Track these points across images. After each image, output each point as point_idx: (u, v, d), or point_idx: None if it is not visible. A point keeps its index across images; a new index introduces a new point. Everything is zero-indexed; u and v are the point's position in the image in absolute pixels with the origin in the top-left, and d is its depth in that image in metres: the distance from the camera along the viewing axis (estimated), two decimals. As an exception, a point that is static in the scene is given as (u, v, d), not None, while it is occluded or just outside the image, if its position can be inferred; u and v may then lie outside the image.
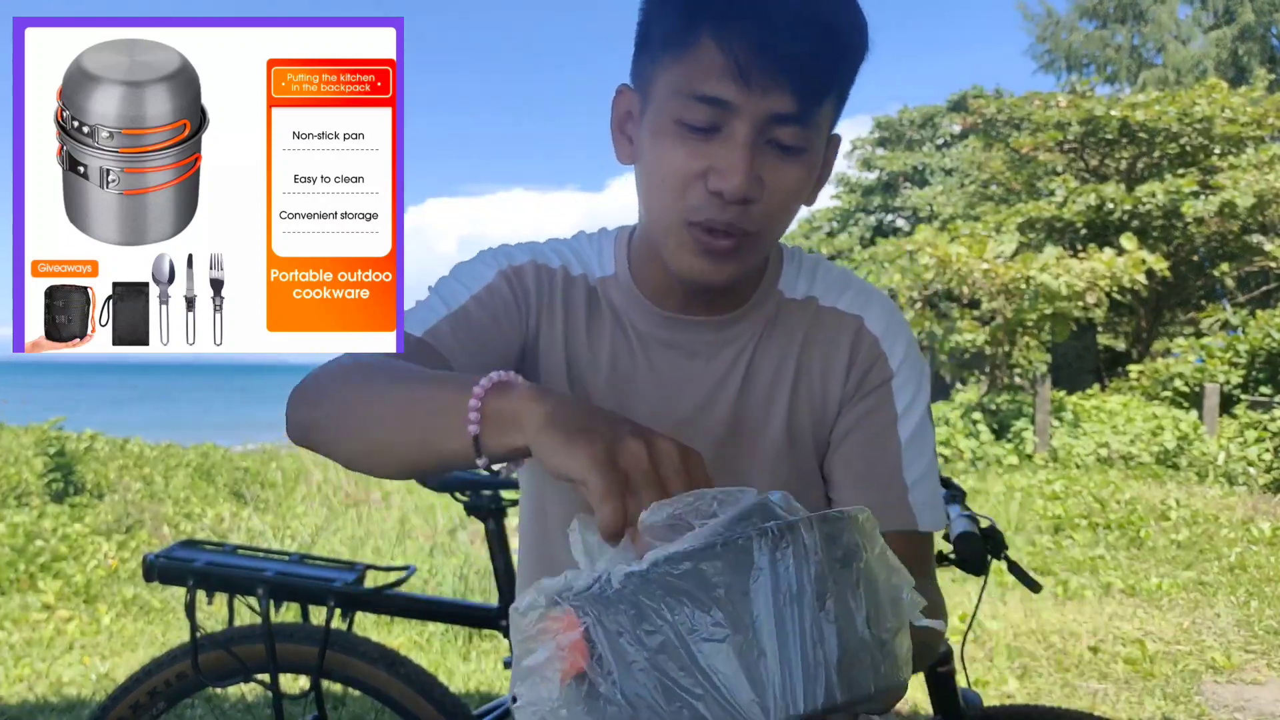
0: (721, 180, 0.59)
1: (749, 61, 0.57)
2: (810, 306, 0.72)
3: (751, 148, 0.59)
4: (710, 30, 0.58)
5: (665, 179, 0.62)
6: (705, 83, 0.59)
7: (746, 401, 0.70)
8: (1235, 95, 10.00)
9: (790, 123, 0.60)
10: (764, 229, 0.63)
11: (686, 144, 0.60)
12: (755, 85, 0.58)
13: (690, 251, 0.63)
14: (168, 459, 6.37)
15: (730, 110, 0.59)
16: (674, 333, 0.71)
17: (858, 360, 0.70)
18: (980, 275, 7.85)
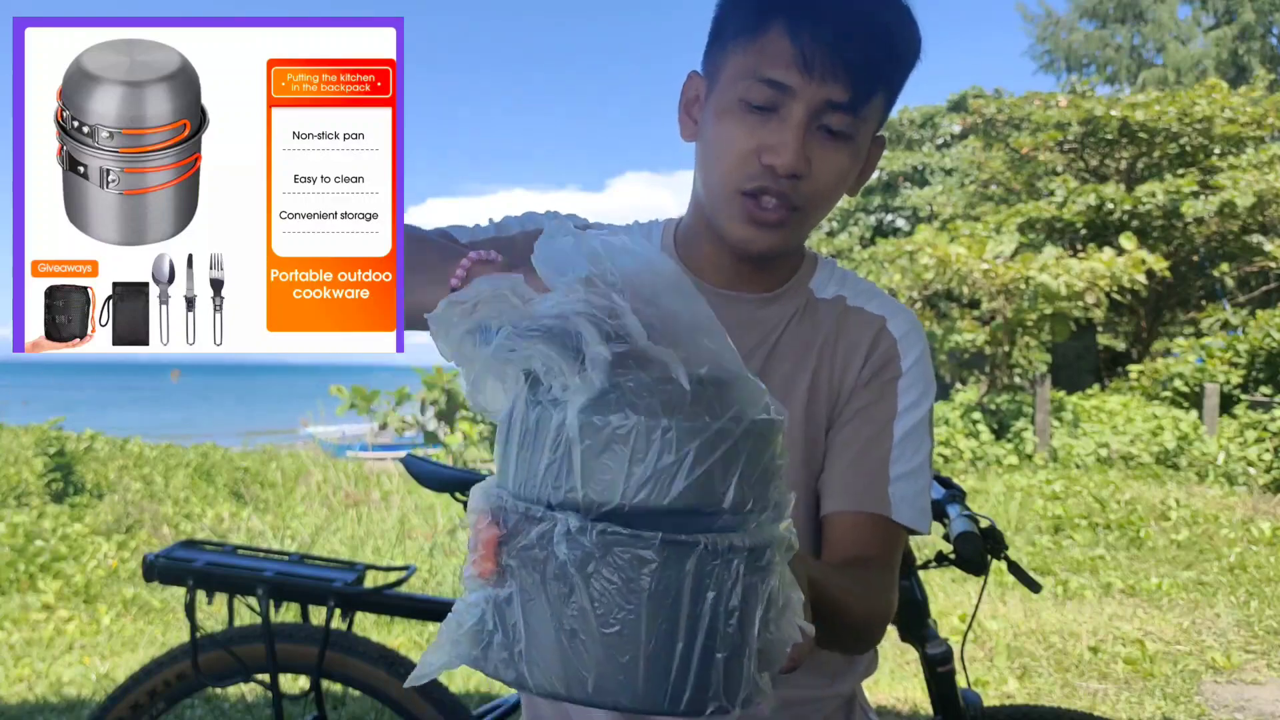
0: (775, 156, 0.66)
1: (812, 51, 0.65)
2: (838, 305, 0.77)
3: (804, 129, 0.66)
4: (782, 22, 0.66)
5: (725, 152, 0.69)
6: (771, 67, 0.66)
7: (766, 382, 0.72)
8: (1235, 95, 10.00)
9: (841, 110, 0.67)
10: (808, 206, 0.69)
11: (746, 122, 0.67)
12: (815, 73, 0.65)
13: (742, 220, 0.69)
14: (167, 459, 6.37)
15: (789, 93, 0.66)
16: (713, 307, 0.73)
17: (875, 354, 0.74)
18: (980, 275, 7.86)
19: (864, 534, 0.70)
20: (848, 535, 0.70)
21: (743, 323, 0.75)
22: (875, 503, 0.70)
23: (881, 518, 0.70)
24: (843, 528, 0.70)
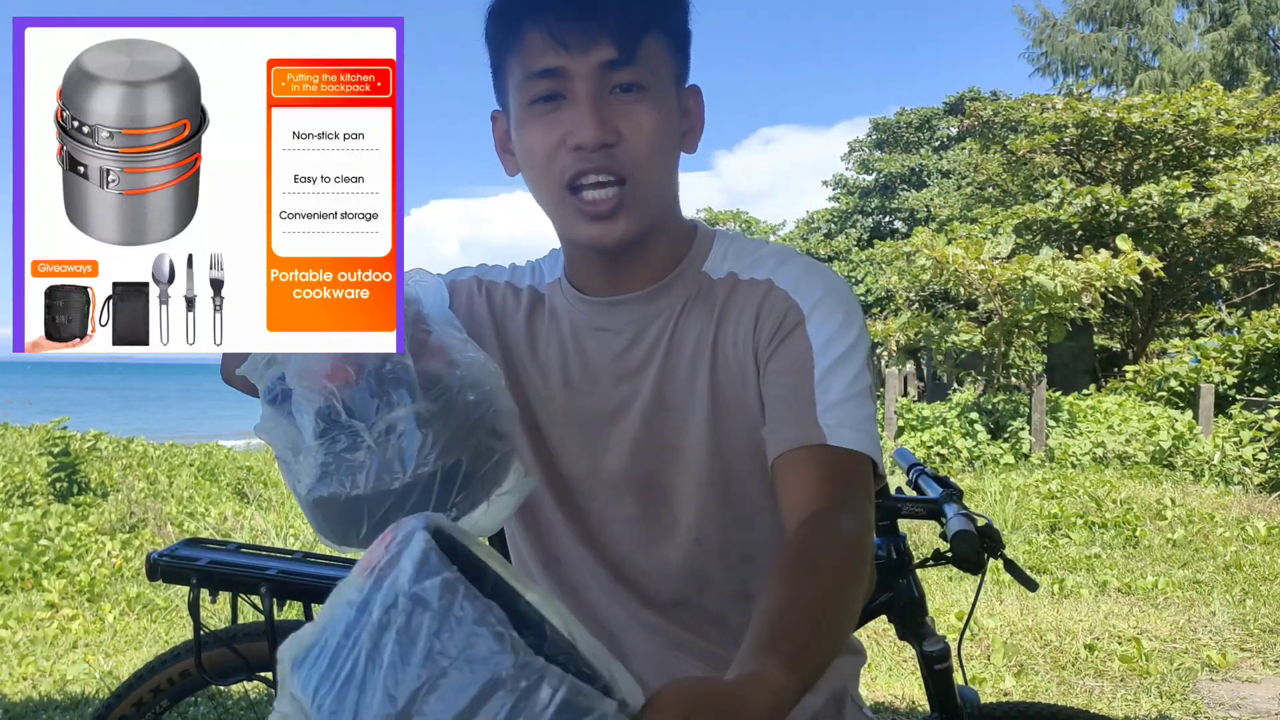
0: (576, 135, 0.66)
1: (562, 27, 0.66)
2: (729, 281, 0.74)
3: (594, 100, 0.66)
4: (527, 18, 0.67)
5: (534, 157, 0.69)
6: (535, 60, 0.67)
7: (670, 376, 0.74)
8: (1230, 97, 10.02)
9: (619, 66, 0.66)
10: (636, 173, 0.68)
11: (541, 120, 0.68)
12: (574, 45, 0.66)
13: (578, 218, 0.69)
14: (171, 458, 6.37)
15: (564, 76, 0.66)
16: (600, 316, 0.76)
17: (767, 316, 0.71)
18: (977, 276, 7.87)
19: (808, 474, 0.63)
20: (794, 482, 0.64)
21: (633, 323, 0.73)
22: (808, 434, 0.64)
23: (818, 447, 0.64)
24: (788, 475, 0.64)
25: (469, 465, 0.56)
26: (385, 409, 0.55)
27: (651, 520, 0.75)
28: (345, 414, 0.55)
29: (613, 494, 0.75)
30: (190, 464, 6.18)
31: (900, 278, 8.74)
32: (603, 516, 0.76)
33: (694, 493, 0.74)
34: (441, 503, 0.56)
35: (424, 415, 0.55)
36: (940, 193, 16.79)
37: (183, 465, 6.14)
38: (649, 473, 0.74)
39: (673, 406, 0.73)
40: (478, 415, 0.57)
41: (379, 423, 0.55)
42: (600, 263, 0.74)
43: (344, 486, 0.54)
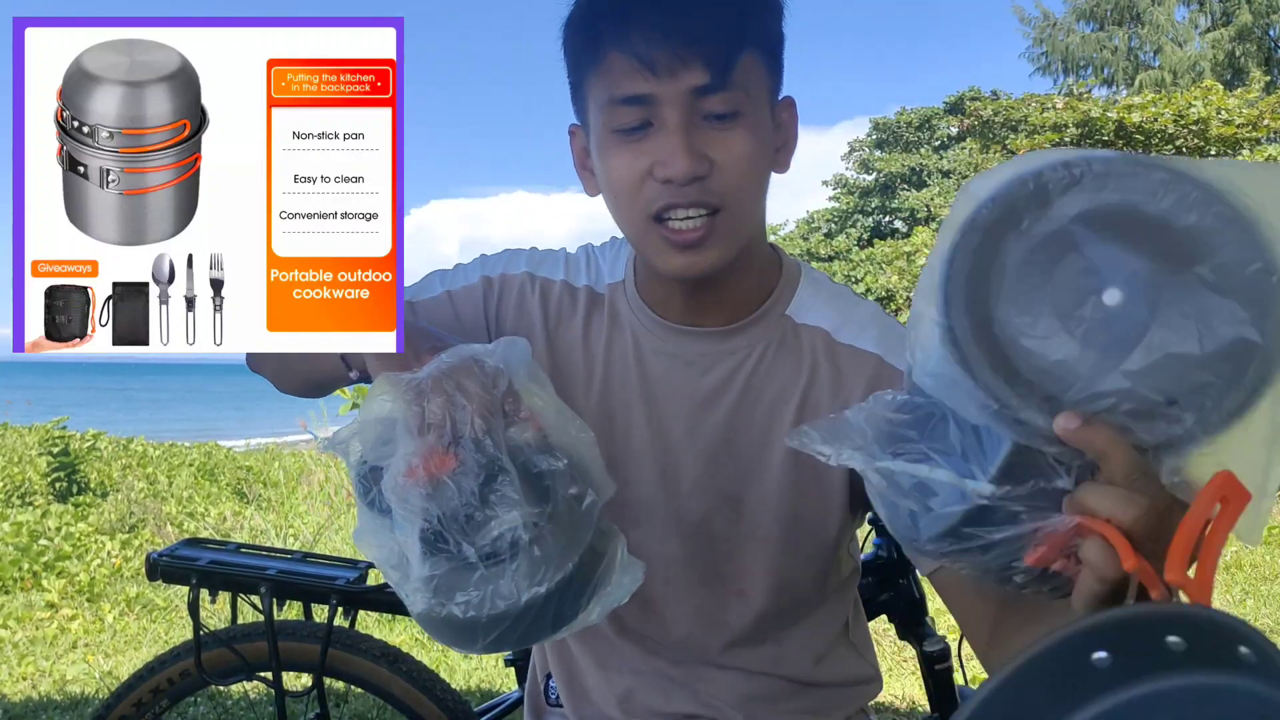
0: (666, 168, 0.62)
1: (650, 51, 0.60)
2: (821, 338, 0.70)
3: (685, 129, 0.61)
4: (611, 39, 0.62)
5: (620, 186, 0.64)
6: (621, 86, 0.62)
7: (744, 422, 0.69)
8: (1231, 97, 10.02)
9: (711, 92, 0.61)
10: (728, 203, 0.63)
11: (627, 148, 0.63)
12: (663, 71, 0.61)
13: (665, 248, 0.65)
14: (171, 458, 6.38)
15: (652, 103, 0.62)
16: (672, 342, 0.71)
17: None
18: (978, 275, 7.85)
19: None
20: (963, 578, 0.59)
21: (707, 356, 0.70)
22: None
23: None
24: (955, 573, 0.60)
25: (582, 573, 0.54)
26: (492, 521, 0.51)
27: (691, 566, 0.72)
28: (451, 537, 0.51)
29: (660, 529, 0.72)
30: (190, 464, 6.19)
31: (900, 278, 8.73)
32: (642, 550, 0.72)
33: (747, 546, 0.70)
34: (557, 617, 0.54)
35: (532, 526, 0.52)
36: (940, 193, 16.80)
37: (182, 465, 6.15)
38: (701, 517, 0.71)
39: (740, 454, 0.69)
40: (585, 515, 0.55)
41: (486, 542, 0.51)
42: (684, 289, 0.69)
43: (458, 611, 0.52)
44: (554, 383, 0.72)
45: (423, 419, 0.51)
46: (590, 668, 0.79)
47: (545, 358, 0.74)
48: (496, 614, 0.52)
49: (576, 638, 0.79)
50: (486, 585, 0.52)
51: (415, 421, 0.51)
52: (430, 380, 0.52)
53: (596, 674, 0.79)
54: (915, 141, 19.45)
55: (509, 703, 1.42)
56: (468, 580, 0.52)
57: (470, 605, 0.52)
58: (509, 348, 0.55)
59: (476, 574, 0.52)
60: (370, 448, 0.54)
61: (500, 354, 0.55)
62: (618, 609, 0.73)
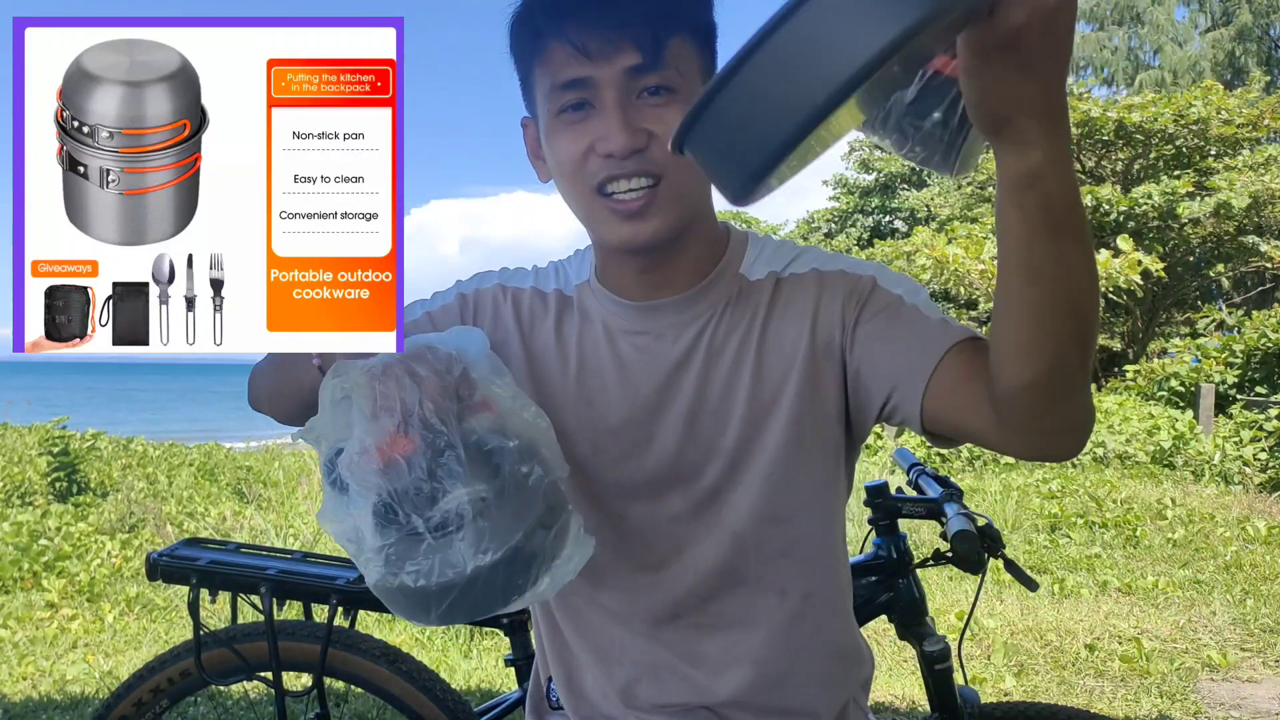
0: (607, 143, 0.66)
1: (583, 39, 0.65)
2: (769, 281, 0.75)
3: (621, 106, 0.66)
4: (550, 30, 0.67)
5: (565, 164, 0.69)
6: (562, 72, 0.67)
7: (712, 376, 0.74)
8: (1231, 97, 10.02)
9: (645, 71, 0.66)
10: (668, 172, 0.67)
11: (571, 128, 0.68)
12: (597, 54, 0.65)
13: (610, 219, 0.69)
14: (171, 458, 6.38)
15: (590, 85, 0.66)
16: (638, 320, 0.75)
17: (831, 297, 0.71)
18: (977, 276, 7.87)
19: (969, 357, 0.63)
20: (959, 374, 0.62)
21: (674, 326, 0.74)
22: (954, 333, 0.65)
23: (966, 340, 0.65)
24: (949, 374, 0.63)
25: (529, 546, 0.57)
26: (440, 496, 0.55)
27: (694, 519, 0.75)
28: (401, 510, 0.55)
29: (655, 493, 0.75)
30: (190, 464, 6.19)
31: (900, 277, 8.72)
32: (644, 517, 0.76)
33: (733, 488, 0.74)
34: (506, 587, 0.56)
35: (479, 501, 0.55)
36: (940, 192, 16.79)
37: (182, 465, 6.16)
38: (693, 471, 0.74)
39: (714, 407, 0.73)
40: (533, 490, 0.57)
41: (434, 515, 0.55)
42: (636, 265, 0.73)
43: (409, 580, 0.55)
44: (534, 380, 0.77)
45: (375, 402, 0.54)
46: (590, 664, 0.80)
47: (522, 359, 0.78)
48: (445, 582, 0.55)
49: (575, 631, 0.80)
50: (435, 555, 0.55)
51: (369, 405, 0.54)
52: (382, 365, 0.55)
53: (596, 669, 0.80)
54: (915, 141, 19.39)
55: (509, 703, 1.42)
56: (417, 550, 0.55)
57: (420, 574, 0.55)
58: (463, 336, 0.59)
59: (424, 544, 0.55)
60: (331, 432, 0.57)
61: (454, 341, 0.58)
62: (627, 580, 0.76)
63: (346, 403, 0.56)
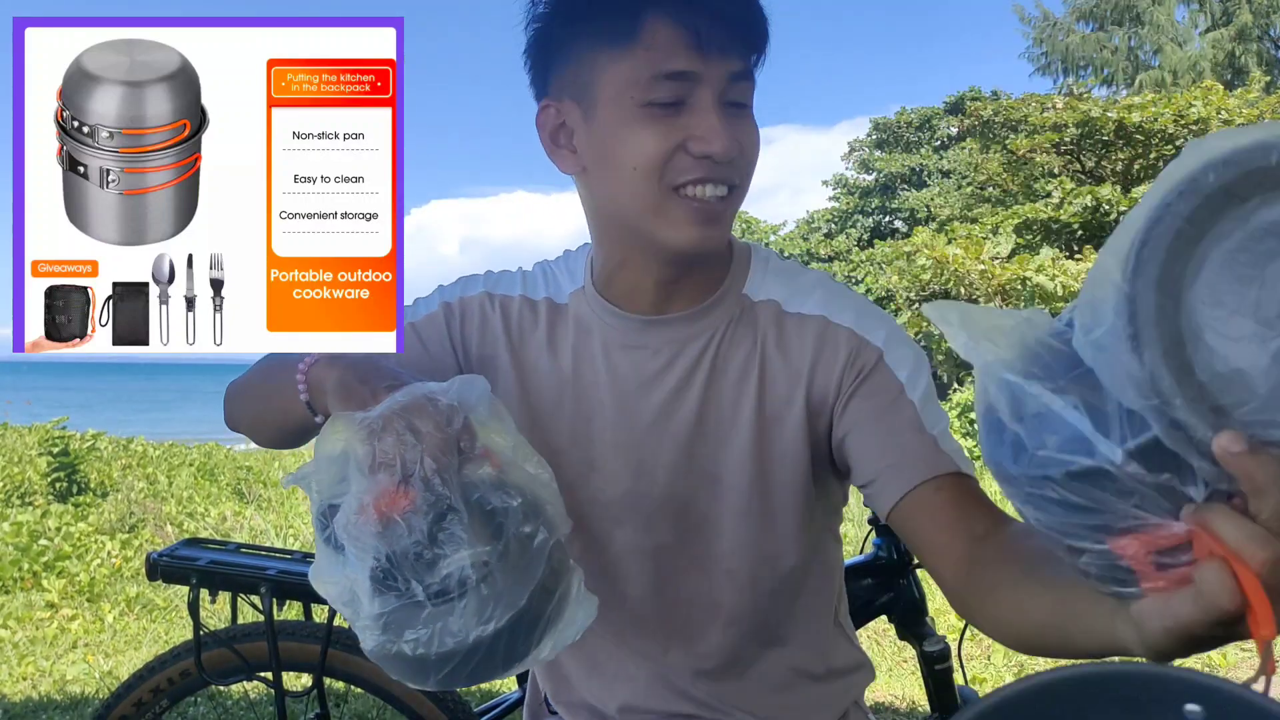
0: (706, 144, 0.62)
1: (704, 31, 0.62)
2: (772, 310, 0.72)
3: (721, 109, 0.64)
4: (661, 13, 0.62)
5: (645, 159, 0.63)
6: (667, 60, 0.62)
7: (714, 400, 0.71)
8: (1231, 97, 10.03)
9: (742, 79, 0.65)
10: (743, 184, 0.67)
11: (657, 123, 0.63)
12: (714, 52, 0.62)
13: (684, 220, 0.65)
14: (171, 458, 6.39)
15: (694, 79, 0.63)
16: (637, 335, 0.72)
17: (832, 355, 0.69)
18: (977, 276, 7.87)
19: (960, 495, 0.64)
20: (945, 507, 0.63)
21: (674, 343, 0.71)
22: (939, 464, 0.64)
23: (953, 475, 0.64)
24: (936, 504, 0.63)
25: (533, 610, 0.54)
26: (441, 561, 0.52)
27: (684, 550, 0.73)
28: (401, 576, 0.52)
29: (645, 521, 0.72)
30: (190, 464, 6.19)
31: (900, 278, 8.74)
32: (630, 545, 0.73)
33: (730, 523, 0.71)
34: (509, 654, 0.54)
35: (481, 566, 0.52)
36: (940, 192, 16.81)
37: (182, 465, 6.16)
38: (686, 500, 0.72)
39: (713, 432, 0.70)
40: (537, 552, 0.54)
41: (435, 581, 0.52)
42: (661, 275, 0.69)
43: (407, 650, 0.52)
44: (524, 394, 0.74)
45: (374, 458, 0.51)
46: (582, 679, 0.79)
47: (511, 372, 0.74)
48: (445, 651, 0.52)
49: (568, 650, 0.79)
50: (435, 623, 0.52)
51: (367, 460, 0.51)
52: (382, 419, 0.52)
53: (588, 683, 0.79)
54: (915, 141, 19.46)
55: (509, 703, 1.42)
56: (416, 618, 0.52)
57: (419, 643, 0.52)
58: (465, 386, 0.56)
59: (425, 612, 0.52)
60: (326, 485, 0.54)
61: (455, 391, 0.55)
62: (611, 617, 0.74)
63: (344, 457, 0.53)
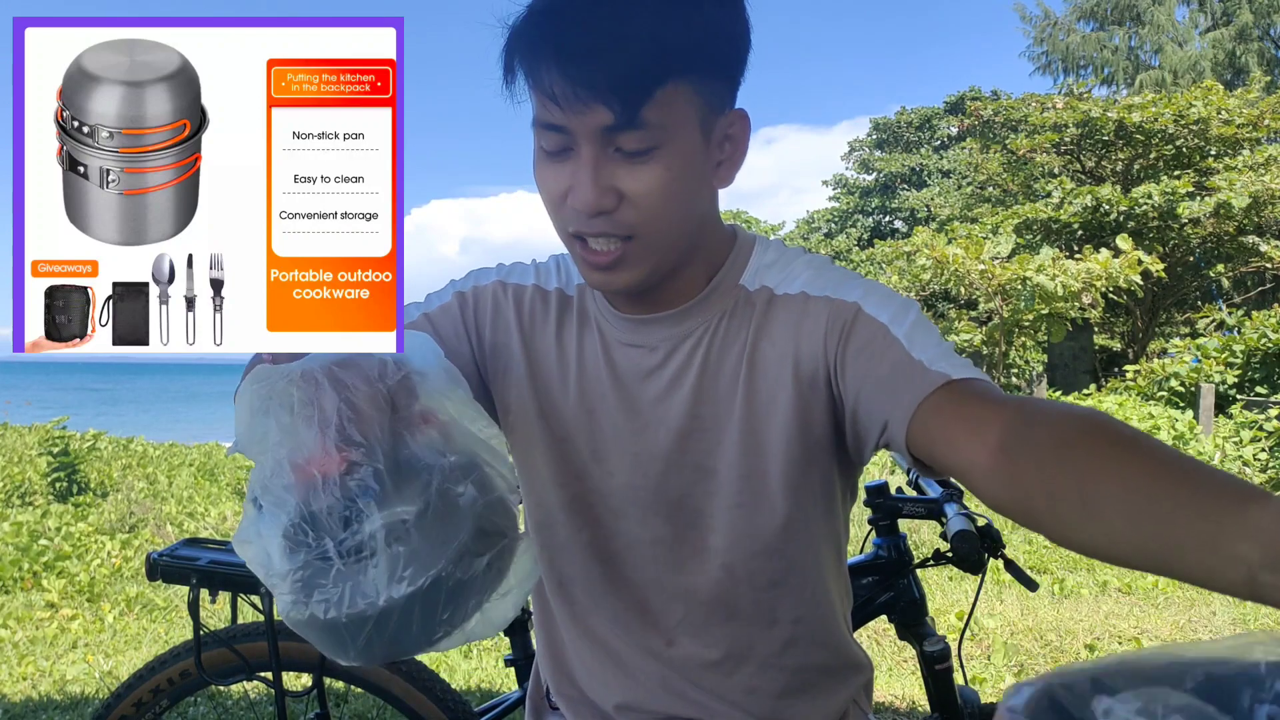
0: (575, 197, 0.63)
1: (557, 88, 0.60)
2: (763, 295, 0.71)
3: (594, 163, 0.62)
4: (524, 68, 0.63)
5: (547, 200, 0.66)
6: (542, 112, 0.63)
7: (708, 394, 0.71)
8: (1231, 97, 10.03)
9: (620, 130, 0.61)
10: (640, 232, 0.64)
11: (551, 167, 0.65)
12: (570, 108, 0.60)
13: (584, 265, 0.67)
14: (171, 458, 6.40)
15: (567, 133, 0.62)
16: (631, 333, 0.74)
17: (812, 328, 0.68)
18: (977, 276, 7.87)
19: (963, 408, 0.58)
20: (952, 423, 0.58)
21: (667, 340, 0.71)
22: (931, 379, 0.60)
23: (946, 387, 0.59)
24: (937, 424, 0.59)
25: (453, 577, 0.51)
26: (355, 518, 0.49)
27: (681, 543, 0.73)
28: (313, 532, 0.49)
29: (642, 514, 0.73)
30: (190, 464, 6.20)
31: (900, 278, 8.74)
32: (631, 537, 0.74)
33: (724, 516, 0.72)
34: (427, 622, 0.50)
35: (396, 527, 0.49)
36: (940, 192, 16.80)
37: (182, 465, 6.17)
38: (681, 494, 0.72)
39: (707, 426, 0.71)
40: (463, 513, 0.51)
41: (347, 538, 0.49)
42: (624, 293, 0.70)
43: (318, 612, 0.49)
44: (534, 382, 0.74)
45: (294, 411, 0.49)
46: (584, 673, 0.80)
47: (522, 359, 0.75)
48: (355, 614, 0.49)
49: (573, 637, 0.79)
50: (345, 582, 0.49)
51: (286, 415, 0.49)
52: (302, 370, 0.50)
53: (590, 678, 0.79)
54: (915, 141, 19.46)
55: (509, 703, 1.42)
56: (326, 576, 0.50)
57: (329, 604, 0.49)
58: (412, 342, 0.53)
59: (334, 570, 0.50)
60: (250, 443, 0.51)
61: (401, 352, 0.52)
62: (617, 609, 0.75)
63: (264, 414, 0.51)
